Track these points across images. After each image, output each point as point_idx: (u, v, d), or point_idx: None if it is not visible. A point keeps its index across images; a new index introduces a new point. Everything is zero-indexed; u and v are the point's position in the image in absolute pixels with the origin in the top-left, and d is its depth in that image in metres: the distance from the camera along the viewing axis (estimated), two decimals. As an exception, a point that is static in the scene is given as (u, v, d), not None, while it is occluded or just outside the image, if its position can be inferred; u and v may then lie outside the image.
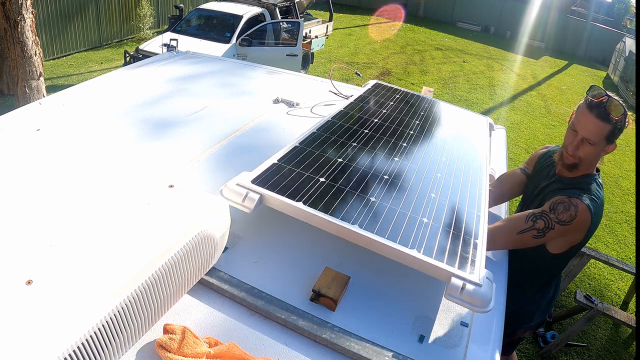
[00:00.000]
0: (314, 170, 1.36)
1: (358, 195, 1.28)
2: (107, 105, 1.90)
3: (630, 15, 18.69)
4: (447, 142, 1.82)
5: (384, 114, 1.97)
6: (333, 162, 1.44)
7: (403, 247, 1.09)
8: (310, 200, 1.20)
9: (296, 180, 1.29)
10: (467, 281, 1.03)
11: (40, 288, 0.79)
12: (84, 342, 0.75)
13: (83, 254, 0.88)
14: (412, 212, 1.26)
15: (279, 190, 1.22)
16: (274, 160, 1.38)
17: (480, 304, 1.01)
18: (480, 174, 1.60)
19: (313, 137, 1.58)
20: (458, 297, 1.02)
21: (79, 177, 1.14)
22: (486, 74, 11.50)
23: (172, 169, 1.52)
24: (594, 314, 3.24)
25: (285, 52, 7.54)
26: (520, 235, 1.53)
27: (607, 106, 1.52)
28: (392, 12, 17.29)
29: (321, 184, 1.30)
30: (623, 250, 4.97)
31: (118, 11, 9.94)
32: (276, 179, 1.27)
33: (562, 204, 1.55)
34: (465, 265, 1.09)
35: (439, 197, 1.37)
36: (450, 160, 1.65)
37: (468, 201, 1.40)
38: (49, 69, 7.94)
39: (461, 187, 1.47)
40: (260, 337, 1.01)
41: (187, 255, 0.97)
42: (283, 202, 1.18)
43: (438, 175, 1.51)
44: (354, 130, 1.71)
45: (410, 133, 1.81)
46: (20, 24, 4.70)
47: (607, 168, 7.18)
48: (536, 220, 1.55)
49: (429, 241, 1.14)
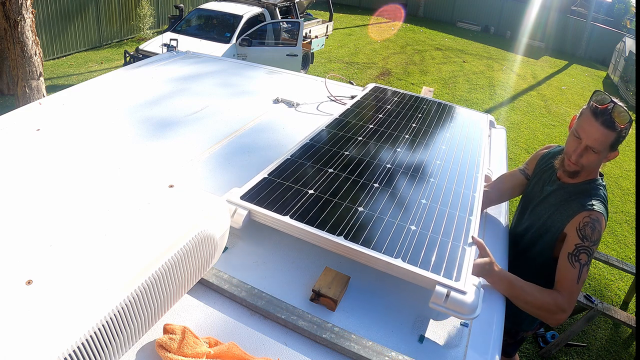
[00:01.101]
0: (303, 183, 1.38)
1: (346, 206, 1.29)
2: (107, 105, 1.90)
3: (630, 15, 18.69)
4: (443, 144, 1.82)
5: (379, 119, 1.97)
6: (323, 173, 1.45)
7: (387, 257, 1.10)
8: (297, 213, 1.22)
9: (285, 194, 1.31)
10: (451, 289, 1.03)
11: (40, 288, 0.79)
12: (84, 342, 0.75)
13: (83, 254, 0.88)
14: (401, 220, 1.27)
15: (267, 205, 1.24)
16: (265, 174, 1.40)
17: (465, 312, 1.02)
18: (475, 176, 1.60)
19: (305, 148, 1.60)
20: (442, 304, 1.02)
21: (79, 177, 1.14)
22: (486, 74, 11.50)
23: (172, 169, 1.52)
24: (594, 314, 3.24)
25: (285, 52, 7.54)
26: (582, 281, 1.46)
27: (613, 114, 1.47)
28: (392, 12, 17.29)
29: (310, 196, 1.31)
30: (623, 250, 4.97)
31: (118, 11, 9.95)
32: (265, 194, 1.30)
33: (588, 227, 1.51)
34: (451, 272, 1.09)
35: (430, 203, 1.38)
36: (444, 164, 1.65)
37: (460, 205, 1.40)
38: (49, 69, 7.94)
39: (454, 191, 1.48)
40: (260, 337, 1.01)
41: (187, 255, 0.97)
42: (270, 216, 1.20)
43: (431, 180, 1.52)
44: (348, 138, 1.72)
45: (405, 137, 1.82)
46: (20, 24, 4.70)
47: (607, 168, 7.18)
48: (579, 256, 1.48)
49: (415, 249, 1.15)
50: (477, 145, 1.87)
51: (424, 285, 1.08)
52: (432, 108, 2.27)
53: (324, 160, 1.54)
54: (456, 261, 1.14)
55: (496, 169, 2.04)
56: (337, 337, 1.01)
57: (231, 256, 1.22)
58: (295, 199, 1.29)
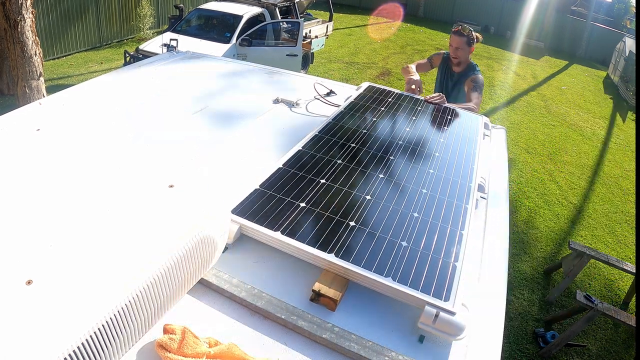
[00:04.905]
0: (295, 195, 1.37)
1: (337, 220, 1.28)
2: (107, 105, 1.90)
3: (630, 15, 18.69)
4: (436, 152, 1.82)
5: (373, 123, 1.97)
6: (315, 184, 1.44)
7: (377, 275, 1.10)
8: (288, 228, 1.21)
9: (276, 207, 1.30)
10: (440, 309, 1.03)
11: (40, 288, 0.79)
12: (84, 342, 0.75)
13: (83, 254, 0.88)
14: (392, 235, 1.26)
15: (258, 220, 1.23)
16: (256, 185, 1.39)
17: (453, 333, 1.02)
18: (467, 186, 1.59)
19: (297, 156, 1.59)
20: (431, 325, 1.02)
21: (79, 177, 1.14)
22: (486, 74, 11.49)
23: (172, 169, 1.52)
24: (594, 314, 3.24)
25: (285, 52, 7.54)
26: None
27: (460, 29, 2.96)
28: (391, 11, 17.28)
29: (301, 209, 1.30)
30: (623, 250, 4.97)
31: (118, 11, 9.95)
32: (256, 207, 1.29)
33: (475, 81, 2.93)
34: (440, 292, 1.09)
35: (422, 216, 1.37)
36: (437, 174, 1.64)
37: (452, 219, 1.39)
38: (49, 69, 7.94)
39: (446, 203, 1.46)
40: (260, 337, 1.01)
41: (186, 255, 0.97)
42: (261, 232, 1.20)
43: (424, 191, 1.51)
44: (341, 145, 1.72)
45: (398, 143, 1.81)
46: (20, 24, 4.70)
47: (607, 168, 7.18)
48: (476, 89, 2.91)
49: (406, 267, 1.15)
50: (470, 153, 1.86)
51: (413, 305, 1.08)
52: (426, 110, 2.27)
53: (315, 170, 1.53)
54: (446, 279, 1.13)
55: (496, 170, 2.04)
56: (337, 337, 1.00)
57: (231, 256, 1.22)
58: (287, 213, 1.28)
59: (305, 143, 1.69)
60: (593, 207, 5.82)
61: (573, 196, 6.03)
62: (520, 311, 3.81)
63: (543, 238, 4.95)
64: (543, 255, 4.65)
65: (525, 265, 4.42)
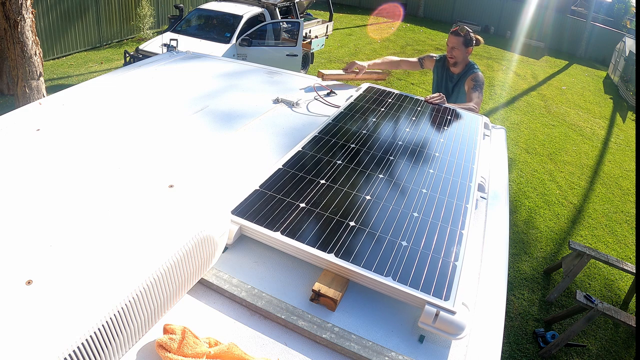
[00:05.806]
0: (295, 195, 1.37)
1: (337, 221, 1.28)
2: (107, 106, 1.90)
3: (630, 15, 18.68)
4: (436, 151, 1.82)
5: (372, 123, 1.97)
6: (315, 184, 1.44)
7: (377, 275, 1.10)
8: (288, 229, 1.22)
9: (276, 208, 1.30)
10: (441, 309, 1.03)
11: (40, 288, 0.79)
12: (84, 342, 0.75)
13: (83, 254, 0.88)
14: (392, 235, 1.26)
15: (258, 220, 1.23)
16: (256, 186, 1.39)
17: (453, 332, 1.02)
18: (467, 186, 1.59)
19: (297, 157, 1.59)
20: (431, 325, 1.02)
21: (79, 177, 1.14)
22: (486, 74, 11.49)
23: (172, 169, 1.52)
24: (594, 314, 3.24)
25: (285, 52, 7.54)
26: None
27: (458, 29, 2.97)
28: (391, 11, 17.28)
29: (301, 210, 1.31)
30: (623, 250, 4.97)
31: (118, 11, 9.95)
32: (256, 208, 1.29)
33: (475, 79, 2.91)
34: (441, 291, 1.09)
35: (422, 216, 1.37)
36: (437, 174, 1.64)
37: (452, 218, 1.39)
38: (49, 69, 7.94)
39: (446, 203, 1.46)
40: (260, 337, 1.01)
41: (186, 255, 0.97)
42: (261, 232, 1.20)
43: (424, 191, 1.51)
44: (341, 146, 1.72)
45: (398, 144, 1.81)
46: (20, 24, 4.70)
47: (607, 168, 7.18)
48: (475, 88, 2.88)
49: (406, 266, 1.15)
50: (470, 153, 1.86)
51: (413, 304, 1.08)
52: (426, 110, 2.27)
53: (315, 170, 1.53)
54: (446, 279, 1.13)
55: (496, 170, 2.04)
56: (337, 337, 1.01)
57: (231, 256, 1.22)
58: (287, 214, 1.28)
59: (305, 143, 1.70)
60: (593, 207, 5.82)
61: (573, 196, 6.03)
62: (520, 311, 3.81)
63: (543, 238, 4.95)
64: (543, 255, 4.65)
65: (525, 265, 4.42)
